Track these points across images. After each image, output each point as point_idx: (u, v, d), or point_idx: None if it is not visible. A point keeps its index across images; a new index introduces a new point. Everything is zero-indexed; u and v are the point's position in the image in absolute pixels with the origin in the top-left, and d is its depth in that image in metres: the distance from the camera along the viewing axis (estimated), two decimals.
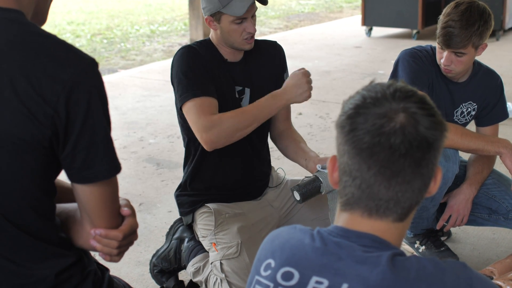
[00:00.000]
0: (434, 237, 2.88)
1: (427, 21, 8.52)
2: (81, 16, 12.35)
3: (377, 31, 9.16)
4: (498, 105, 2.75)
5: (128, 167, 4.15)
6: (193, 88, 2.27)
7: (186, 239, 2.52)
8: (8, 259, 1.33)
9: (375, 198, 1.11)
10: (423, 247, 2.85)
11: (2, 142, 1.26)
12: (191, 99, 2.26)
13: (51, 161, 1.32)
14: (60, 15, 12.23)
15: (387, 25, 8.89)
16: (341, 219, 1.17)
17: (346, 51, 8.03)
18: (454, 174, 2.57)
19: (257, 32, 2.41)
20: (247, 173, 2.50)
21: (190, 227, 2.54)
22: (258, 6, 2.37)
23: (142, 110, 5.56)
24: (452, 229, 3.12)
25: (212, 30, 2.40)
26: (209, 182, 2.47)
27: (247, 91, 2.44)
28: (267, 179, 2.59)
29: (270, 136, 2.60)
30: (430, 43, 2.78)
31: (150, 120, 5.25)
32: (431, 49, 2.67)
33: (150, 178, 4.01)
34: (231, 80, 2.41)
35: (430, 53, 2.66)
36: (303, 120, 5.12)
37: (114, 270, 1.75)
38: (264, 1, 2.34)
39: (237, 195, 2.50)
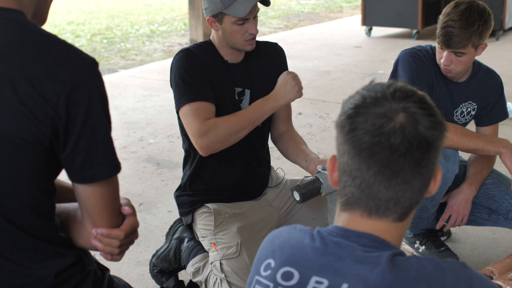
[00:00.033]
0: (434, 237, 2.88)
1: (427, 21, 8.52)
2: (81, 16, 12.35)
3: (377, 31, 9.16)
4: (498, 105, 2.76)
5: (128, 167, 4.15)
6: (190, 93, 2.29)
7: (186, 239, 2.52)
8: (8, 259, 1.33)
9: (375, 198, 1.11)
10: (423, 247, 2.85)
11: (3, 142, 1.26)
12: (187, 104, 2.28)
13: (51, 161, 1.32)
14: (60, 15, 12.23)
15: (387, 25, 8.89)
16: (341, 219, 1.17)
17: (346, 51, 8.03)
18: (454, 174, 2.57)
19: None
20: (247, 174, 2.50)
21: (190, 227, 2.54)
22: (259, 7, 2.37)
23: (142, 110, 5.56)
24: (452, 229, 3.12)
25: (214, 31, 2.39)
26: (209, 184, 2.47)
27: (247, 93, 2.44)
28: (267, 179, 2.59)
29: (271, 138, 2.60)
30: (430, 43, 2.78)
31: (150, 120, 5.25)
32: (431, 49, 2.67)
33: (150, 178, 4.01)
34: (231, 82, 2.41)
35: (430, 53, 2.66)
36: (303, 120, 5.12)
37: (114, 270, 1.75)
38: (267, 3, 2.34)
39: (237, 195, 2.50)
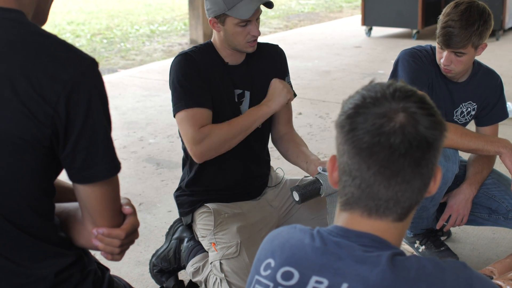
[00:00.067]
0: (434, 237, 2.88)
1: (427, 21, 8.53)
2: (81, 16, 12.35)
3: (377, 31, 9.16)
4: (498, 105, 2.75)
5: (128, 167, 4.15)
6: (186, 99, 2.29)
7: (186, 239, 2.52)
8: (8, 259, 1.33)
9: (375, 198, 1.11)
10: (423, 247, 2.85)
11: (2, 142, 1.26)
12: (184, 110, 2.29)
13: (51, 161, 1.32)
14: (60, 15, 12.23)
15: (387, 25, 8.89)
16: (341, 219, 1.17)
17: (346, 51, 8.03)
18: (454, 174, 2.57)
19: None
20: (247, 174, 2.50)
21: (190, 227, 2.54)
22: (261, 8, 2.36)
23: (142, 110, 5.56)
24: (452, 229, 3.12)
25: (215, 32, 2.39)
26: (209, 184, 2.47)
27: (247, 94, 2.44)
28: (266, 179, 2.59)
29: (271, 139, 2.60)
30: (430, 43, 2.78)
31: (150, 120, 5.25)
32: (431, 49, 2.67)
33: (150, 178, 4.01)
34: (231, 84, 2.41)
35: (430, 53, 2.66)
36: (303, 120, 5.12)
37: (114, 270, 1.75)
38: (270, 5, 2.33)
39: (237, 195, 2.50)
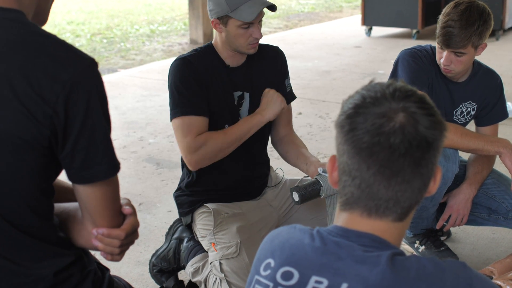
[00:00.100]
0: (434, 237, 2.87)
1: (427, 21, 8.53)
2: (81, 16, 12.35)
3: (377, 31, 9.16)
4: (498, 105, 2.75)
5: (128, 167, 4.15)
6: (183, 106, 2.31)
7: (186, 239, 2.52)
8: (7, 259, 1.33)
9: (375, 198, 1.11)
10: (423, 247, 2.85)
11: (2, 142, 1.26)
12: (180, 117, 2.31)
13: (50, 161, 1.32)
14: (60, 15, 12.23)
15: (387, 25, 8.89)
16: (341, 219, 1.17)
17: (346, 51, 8.03)
18: (454, 174, 2.57)
19: None
20: (247, 175, 2.50)
21: (190, 227, 2.54)
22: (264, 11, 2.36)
23: (142, 110, 5.56)
24: (452, 229, 3.12)
25: (217, 33, 2.38)
26: (209, 184, 2.47)
27: (247, 96, 2.44)
28: (266, 179, 2.59)
29: (271, 141, 2.60)
30: (430, 43, 2.78)
31: (150, 120, 5.25)
32: (431, 49, 2.67)
33: (150, 178, 4.01)
34: (231, 86, 2.41)
35: (430, 53, 2.66)
36: (303, 120, 5.12)
37: (114, 270, 1.75)
38: (273, 8, 2.33)
39: (236, 195, 2.50)
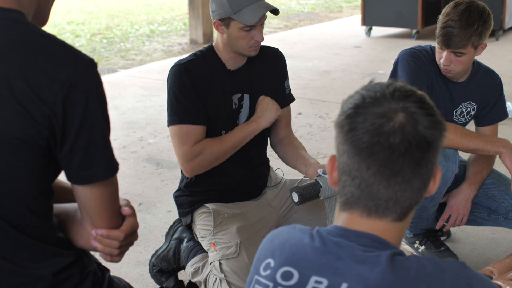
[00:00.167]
0: (434, 237, 2.87)
1: (427, 21, 8.52)
2: (81, 16, 12.35)
3: (377, 31, 9.16)
4: (498, 105, 2.75)
5: (128, 167, 4.15)
6: (180, 114, 2.33)
7: (185, 239, 2.52)
8: (6, 259, 1.33)
9: (375, 198, 1.11)
10: (423, 247, 2.85)
11: (0, 142, 1.26)
12: (177, 125, 2.34)
13: (49, 162, 1.32)
14: (60, 15, 12.22)
15: (387, 25, 8.89)
16: (341, 219, 1.17)
17: (346, 51, 8.03)
18: (454, 174, 2.57)
19: None
20: (246, 177, 2.51)
21: (190, 227, 2.54)
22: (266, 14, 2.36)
23: (142, 110, 5.56)
24: (452, 229, 3.12)
25: (219, 34, 2.38)
26: (208, 184, 2.48)
27: (247, 97, 2.45)
28: (266, 179, 2.59)
29: (270, 143, 2.60)
30: (430, 43, 2.78)
31: (150, 120, 5.25)
32: (431, 49, 2.67)
33: (150, 178, 4.01)
34: (231, 89, 2.41)
35: (430, 53, 2.66)
36: (303, 120, 5.12)
37: (114, 270, 1.75)
38: (276, 12, 2.33)
39: (236, 196, 2.50)
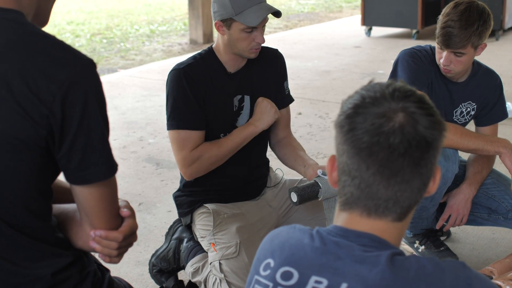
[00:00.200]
0: (434, 237, 2.88)
1: (427, 21, 8.53)
2: (81, 16, 12.35)
3: (377, 31, 9.16)
4: (498, 105, 2.75)
5: (128, 167, 4.15)
6: (179, 119, 2.34)
7: (185, 239, 2.52)
8: (4, 259, 1.33)
9: (374, 198, 1.11)
10: (423, 247, 2.85)
11: None
12: (176, 130, 2.35)
13: (48, 162, 1.32)
14: (60, 15, 12.22)
15: (387, 25, 8.89)
16: (340, 219, 1.17)
17: (346, 51, 8.03)
18: (454, 174, 2.57)
19: None
20: (246, 177, 2.51)
21: (189, 228, 2.54)
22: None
23: (142, 110, 5.56)
24: (452, 229, 3.12)
25: (219, 35, 2.38)
26: (208, 185, 2.48)
27: (247, 99, 2.45)
28: (266, 179, 2.59)
29: (269, 143, 2.60)
30: (430, 43, 2.78)
31: (150, 120, 5.25)
32: (430, 49, 2.67)
33: (150, 178, 4.01)
34: (230, 92, 2.41)
35: (430, 53, 2.66)
36: (303, 120, 5.12)
37: (114, 270, 1.75)
38: (278, 14, 2.33)
39: (236, 196, 2.50)
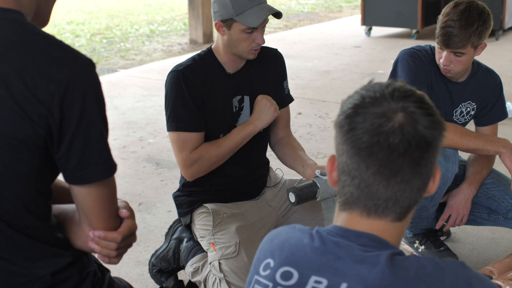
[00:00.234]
0: (434, 237, 2.88)
1: (427, 21, 8.53)
2: (81, 16, 12.35)
3: (377, 31, 9.16)
4: (497, 105, 2.75)
5: (128, 167, 4.15)
6: (178, 121, 2.34)
7: (185, 239, 2.52)
8: (4, 259, 1.33)
9: (374, 198, 1.11)
10: (423, 247, 2.85)
11: None
12: (175, 132, 2.35)
13: (46, 162, 1.32)
14: (60, 15, 12.22)
15: (387, 25, 8.89)
16: (340, 219, 1.17)
17: (346, 51, 8.03)
18: (454, 174, 2.57)
19: None
20: (246, 177, 2.51)
21: (189, 227, 2.54)
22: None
23: (142, 110, 5.56)
24: (452, 229, 3.12)
25: (219, 36, 2.38)
26: (208, 185, 2.48)
27: (247, 99, 2.45)
28: (265, 179, 2.59)
29: (269, 143, 2.60)
30: (430, 43, 2.78)
31: (150, 120, 5.25)
32: (430, 49, 2.67)
33: (150, 178, 4.01)
34: (230, 92, 2.41)
35: (429, 53, 2.66)
36: (303, 120, 5.12)
37: (113, 270, 1.75)
38: (279, 16, 2.33)
39: (235, 195, 2.50)
